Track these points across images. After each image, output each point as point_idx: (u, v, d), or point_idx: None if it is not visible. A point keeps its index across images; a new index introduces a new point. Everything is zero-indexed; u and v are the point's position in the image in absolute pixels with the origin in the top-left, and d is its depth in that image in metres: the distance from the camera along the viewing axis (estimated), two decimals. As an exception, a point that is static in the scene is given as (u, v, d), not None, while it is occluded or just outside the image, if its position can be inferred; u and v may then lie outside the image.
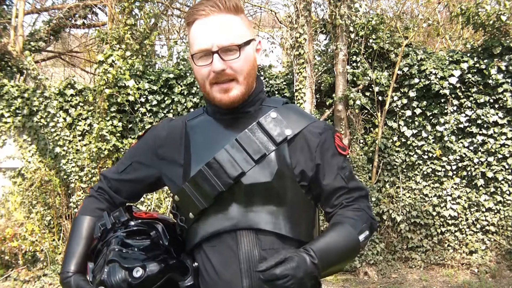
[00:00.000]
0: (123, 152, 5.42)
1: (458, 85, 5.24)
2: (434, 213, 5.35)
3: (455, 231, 5.37)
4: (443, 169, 5.36)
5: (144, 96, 5.57)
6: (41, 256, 5.16)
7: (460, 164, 5.33)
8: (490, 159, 5.23)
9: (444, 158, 5.34)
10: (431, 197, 5.38)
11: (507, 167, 5.22)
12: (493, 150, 5.23)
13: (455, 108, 5.32)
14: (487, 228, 5.31)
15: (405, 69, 5.34)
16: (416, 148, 5.40)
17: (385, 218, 5.34)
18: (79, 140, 5.71)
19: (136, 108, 5.58)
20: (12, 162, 5.97)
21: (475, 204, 5.32)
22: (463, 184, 5.37)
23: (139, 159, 1.34)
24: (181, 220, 1.24)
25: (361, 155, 5.33)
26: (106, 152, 5.37)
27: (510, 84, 5.16)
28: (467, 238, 5.34)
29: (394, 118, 5.46)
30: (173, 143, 1.29)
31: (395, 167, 5.44)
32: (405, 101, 5.38)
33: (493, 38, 5.26)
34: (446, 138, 5.29)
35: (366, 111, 5.47)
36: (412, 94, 5.33)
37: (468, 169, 5.30)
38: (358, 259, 5.17)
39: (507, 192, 5.25)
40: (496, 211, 5.29)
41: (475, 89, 5.26)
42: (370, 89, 5.47)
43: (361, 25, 5.43)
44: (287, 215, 1.19)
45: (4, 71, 6.43)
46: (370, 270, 5.16)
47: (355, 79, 5.43)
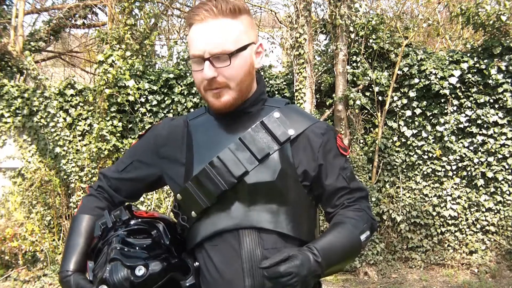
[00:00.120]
0: (123, 152, 5.42)
1: (458, 85, 5.25)
2: (434, 213, 5.35)
3: (455, 231, 5.37)
4: (443, 169, 5.36)
5: (144, 96, 5.57)
6: (41, 256, 5.15)
7: (460, 164, 5.33)
8: (490, 159, 5.23)
9: (444, 158, 5.34)
10: (431, 197, 5.38)
11: (507, 167, 5.22)
12: (493, 150, 5.23)
13: (455, 108, 5.32)
14: (487, 228, 5.31)
15: (405, 69, 5.34)
16: (416, 148, 5.40)
17: (385, 218, 5.34)
18: (79, 140, 5.71)
19: (136, 108, 5.58)
20: (12, 162, 5.98)
21: (475, 204, 5.33)
22: (463, 184, 5.37)
23: (140, 158, 1.34)
24: (183, 219, 1.23)
25: (361, 155, 5.33)
26: (106, 152, 5.37)
27: (510, 84, 5.16)
28: (467, 238, 5.34)
29: (394, 118, 5.46)
30: (175, 142, 1.28)
31: (395, 167, 5.44)
32: (405, 101, 5.38)
33: (493, 38, 5.26)
34: (446, 138, 5.29)
35: (366, 111, 5.47)
36: (412, 94, 5.33)
37: (468, 169, 5.30)
38: (358, 259, 5.17)
39: (507, 192, 5.25)
40: (496, 211, 5.29)
41: (475, 89, 5.26)
42: (370, 89, 5.47)
43: (361, 25, 5.43)
44: (290, 214, 1.20)
45: (4, 71, 6.43)
46: (370, 270, 5.16)
47: (355, 79, 5.43)
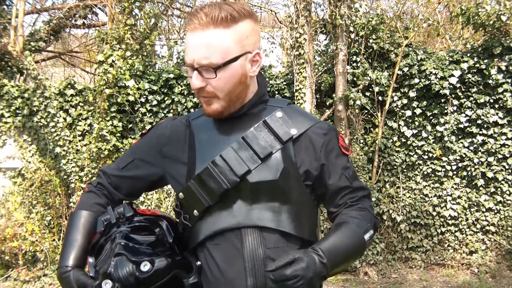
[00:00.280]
0: (123, 152, 5.42)
1: (458, 85, 5.25)
2: (434, 213, 5.35)
3: (455, 231, 5.37)
4: (443, 169, 5.36)
5: (144, 96, 5.57)
6: (41, 256, 5.15)
7: (460, 164, 5.33)
8: (490, 159, 5.23)
9: (444, 158, 5.34)
10: (431, 197, 5.38)
11: (507, 167, 5.22)
12: (493, 150, 5.23)
13: (455, 108, 5.33)
14: (487, 228, 5.31)
15: (405, 69, 5.34)
16: (416, 148, 5.40)
17: (385, 218, 5.34)
18: (79, 140, 5.71)
19: (136, 108, 5.58)
20: (12, 162, 5.97)
21: (475, 204, 5.33)
22: (463, 184, 5.37)
23: (142, 157, 1.34)
24: (185, 218, 1.23)
25: (361, 155, 5.33)
26: (106, 152, 5.36)
27: (510, 84, 5.16)
28: (467, 238, 5.34)
29: (394, 118, 5.46)
30: (177, 142, 1.29)
31: (395, 167, 5.44)
32: (405, 101, 5.38)
33: (493, 38, 5.26)
34: (446, 138, 5.29)
35: (366, 111, 5.47)
36: (412, 94, 5.33)
37: (468, 169, 5.30)
38: (358, 259, 5.17)
39: (507, 192, 5.25)
40: (496, 211, 5.29)
41: (475, 89, 5.26)
42: (370, 89, 5.47)
43: (361, 25, 5.43)
44: (292, 213, 1.20)
45: (4, 71, 6.43)
46: (370, 270, 5.16)
47: (355, 79, 5.43)
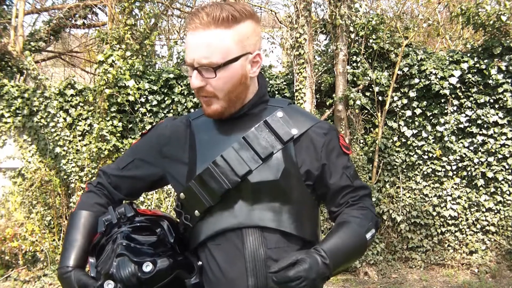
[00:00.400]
0: (123, 152, 5.41)
1: (458, 85, 5.25)
2: (434, 213, 5.35)
3: (455, 231, 5.37)
4: (443, 169, 5.36)
5: (144, 96, 5.57)
6: (41, 256, 5.15)
7: (460, 164, 5.33)
8: (490, 159, 5.23)
9: (444, 158, 5.34)
10: (431, 197, 5.38)
11: (507, 167, 5.22)
12: (493, 150, 5.23)
13: (455, 108, 5.33)
14: (487, 228, 5.31)
15: (405, 69, 5.34)
16: (416, 148, 5.40)
17: (385, 218, 5.34)
18: (79, 140, 5.71)
19: (136, 108, 5.58)
20: (12, 162, 5.97)
21: (475, 204, 5.33)
22: (463, 184, 5.37)
23: (142, 157, 1.33)
24: (185, 218, 1.23)
25: (361, 155, 5.33)
26: (106, 152, 5.36)
27: (510, 84, 5.16)
28: (467, 238, 5.35)
29: (394, 118, 5.46)
30: (178, 142, 1.28)
31: (395, 167, 5.44)
32: (405, 101, 5.38)
33: (493, 38, 5.26)
34: (446, 138, 5.29)
35: (366, 111, 5.47)
36: (412, 94, 5.33)
37: (468, 169, 5.30)
38: (358, 259, 5.17)
39: (507, 192, 5.25)
40: (496, 211, 5.29)
41: (475, 89, 5.26)
42: (370, 89, 5.47)
43: (361, 25, 5.43)
44: (293, 213, 1.20)
45: (4, 71, 6.43)
46: (370, 270, 5.16)
47: (355, 79, 5.43)
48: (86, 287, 1.16)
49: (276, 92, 5.70)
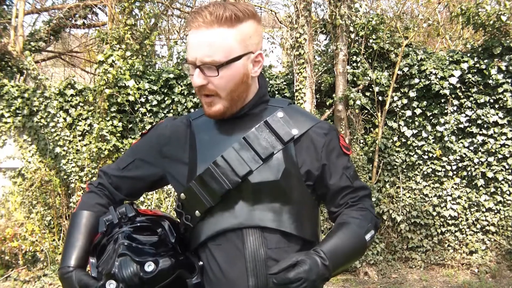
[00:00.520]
0: (123, 152, 5.41)
1: (458, 85, 5.25)
2: (434, 213, 5.35)
3: (455, 231, 5.37)
4: (443, 169, 5.36)
5: (144, 96, 5.57)
6: (41, 256, 5.15)
7: (460, 164, 5.33)
8: (490, 159, 5.23)
9: (444, 158, 5.34)
10: (431, 197, 5.39)
11: (507, 167, 5.22)
12: (493, 150, 5.23)
13: (455, 108, 5.33)
14: (487, 228, 5.31)
15: (405, 69, 5.34)
16: (416, 148, 5.40)
17: (385, 218, 5.34)
18: (79, 140, 5.71)
19: (136, 108, 5.58)
20: (12, 162, 5.97)
21: (475, 204, 5.33)
22: (463, 184, 5.37)
23: (142, 157, 1.33)
24: (186, 219, 1.23)
25: (361, 155, 5.33)
26: (106, 152, 5.36)
27: (510, 84, 5.16)
28: (467, 238, 5.35)
29: (394, 118, 5.46)
30: (178, 142, 1.28)
31: (395, 167, 5.44)
32: (405, 101, 5.38)
33: (493, 38, 5.26)
34: (446, 138, 5.29)
35: (366, 111, 5.47)
36: (412, 94, 5.33)
37: (468, 169, 5.30)
38: (358, 259, 5.17)
39: (507, 192, 5.25)
40: (496, 211, 5.29)
41: (475, 89, 5.26)
42: (370, 89, 5.47)
43: (361, 25, 5.43)
44: (293, 214, 1.20)
45: (4, 71, 6.43)
46: (370, 270, 5.16)
47: (355, 79, 5.43)
48: (87, 287, 1.16)
49: (276, 92, 5.70)
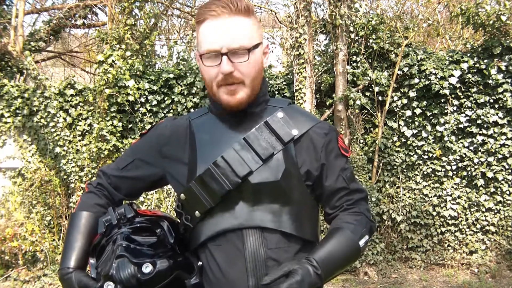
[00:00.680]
0: (123, 152, 5.41)
1: (458, 85, 5.25)
2: (434, 213, 5.35)
3: (455, 231, 5.37)
4: (443, 169, 5.36)
5: (144, 96, 5.57)
6: (41, 256, 5.15)
7: (460, 164, 5.33)
8: (490, 159, 5.23)
9: (444, 158, 5.34)
10: (431, 197, 5.39)
11: (507, 167, 5.22)
12: (493, 150, 5.23)
13: (455, 108, 5.33)
14: (487, 228, 5.31)
15: (405, 69, 5.34)
16: (416, 148, 5.40)
17: (385, 218, 5.34)
18: (79, 140, 5.71)
19: (136, 108, 5.58)
20: (12, 162, 5.97)
21: (475, 204, 5.33)
22: (463, 184, 5.37)
23: (142, 157, 1.33)
24: (186, 219, 1.23)
25: (361, 155, 5.33)
26: (106, 152, 5.37)
27: (510, 84, 5.17)
28: (467, 238, 5.35)
29: (394, 118, 5.46)
30: (178, 142, 1.28)
31: (395, 167, 5.44)
32: (405, 101, 5.38)
33: (493, 38, 5.26)
34: (446, 138, 5.29)
35: (366, 111, 5.47)
36: (412, 94, 5.33)
37: (468, 169, 5.30)
38: (358, 259, 5.17)
39: (507, 192, 5.25)
40: (496, 211, 5.29)
41: (475, 89, 5.26)
42: (370, 89, 5.47)
43: (361, 25, 5.43)
44: (293, 214, 1.20)
45: (4, 71, 6.43)
46: (370, 270, 5.16)
47: (355, 79, 5.43)
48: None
49: (276, 92, 5.70)
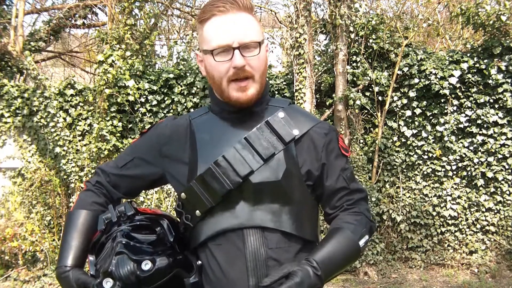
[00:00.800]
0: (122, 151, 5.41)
1: (458, 85, 5.25)
2: (434, 213, 5.35)
3: (455, 231, 5.37)
4: (443, 169, 5.36)
5: (144, 96, 5.57)
6: (41, 256, 5.15)
7: (460, 164, 5.33)
8: (490, 159, 5.23)
9: (444, 158, 5.34)
10: (431, 197, 5.38)
11: (507, 167, 5.22)
12: (493, 150, 5.23)
13: (455, 108, 5.33)
14: (487, 228, 5.31)
15: (405, 69, 5.34)
16: (416, 148, 5.40)
17: (385, 218, 5.34)
18: (79, 140, 5.71)
19: (136, 108, 5.59)
20: (12, 162, 5.97)
21: (475, 204, 5.33)
22: (463, 184, 5.37)
23: (141, 156, 1.33)
24: (186, 218, 1.23)
25: (361, 155, 5.33)
26: (106, 152, 5.37)
27: (510, 84, 5.17)
28: (467, 238, 5.34)
29: (394, 118, 5.46)
30: (178, 141, 1.28)
31: (395, 167, 5.44)
32: (405, 101, 5.38)
33: (493, 38, 5.26)
34: (446, 138, 5.29)
35: (366, 111, 5.47)
36: (412, 94, 5.34)
37: (468, 169, 5.30)
38: (358, 259, 5.17)
39: (507, 192, 5.25)
40: (496, 211, 5.29)
41: (475, 89, 5.26)
42: (370, 89, 5.47)
43: (361, 25, 5.43)
44: (294, 214, 1.20)
45: (4, 71, 6.43)
46: (370, 270, 5.16)
47: (355, 79, 5.43)
48: (85, 285, 1.16)
49: (276, 92, 5.70)
